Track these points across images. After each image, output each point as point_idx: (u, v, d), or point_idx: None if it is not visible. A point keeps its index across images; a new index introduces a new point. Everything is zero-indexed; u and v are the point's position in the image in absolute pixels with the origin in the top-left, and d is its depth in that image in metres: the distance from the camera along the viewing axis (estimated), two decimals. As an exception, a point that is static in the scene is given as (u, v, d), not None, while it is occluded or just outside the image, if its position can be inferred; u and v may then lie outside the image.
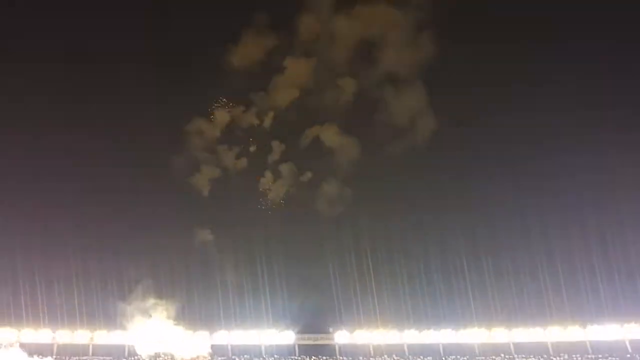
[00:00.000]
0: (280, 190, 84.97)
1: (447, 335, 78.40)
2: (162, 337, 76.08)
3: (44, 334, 76.67)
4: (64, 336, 76.97)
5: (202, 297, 78.58)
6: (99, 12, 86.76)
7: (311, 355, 78.37)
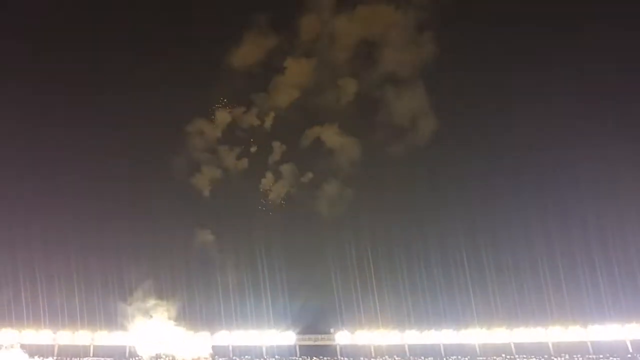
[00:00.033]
0: (281, 190, 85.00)
1: (448, 335, 78.40)
2: (163, 338, 76.12)
3: (44, 335, 76.40)
4: (65, 337, 76.78)
5: (203, 297, 78.57)
6: (99, 12, 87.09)
7: (312, 355, 78.28)
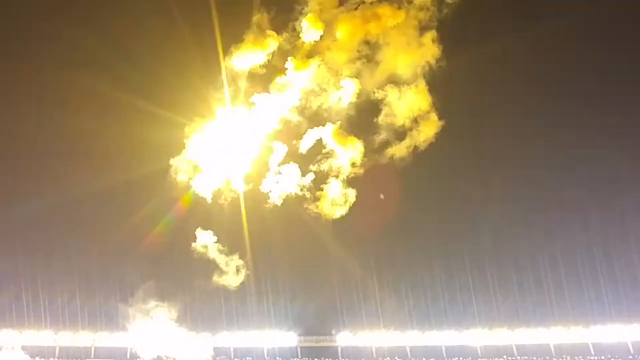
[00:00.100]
0: (282, 191, 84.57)
1: (449, 336, 78.57)
2: (164, 339, 76.30)
3: (45, 336, 76.85)
4: (66, 338, 77.10)
5: (204, 299, 78.58)
6: (100, 11, 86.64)
7: (313, 357, 78.66)
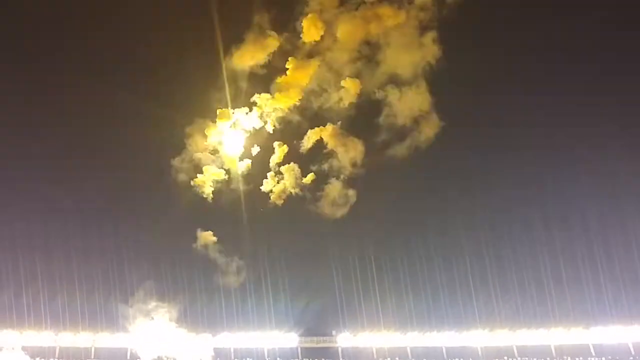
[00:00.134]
0: (282, 192, 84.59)
1: (450, 337, 78.37)
2: (165, 340, 76.05)
3: (46, 337, 76.38)
4: (66, 339, 76.74)
5: (204, 299, 78.46)
6: (100, 11, 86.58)
7: (314, 358, 78.21)
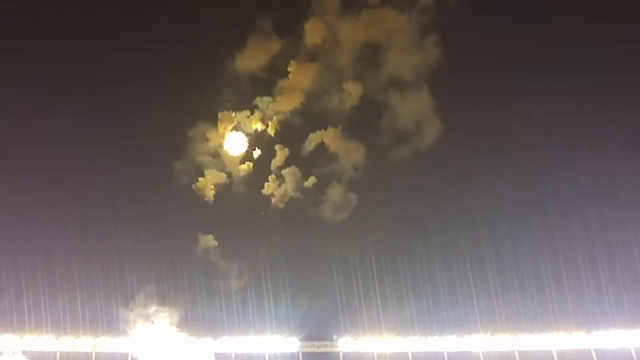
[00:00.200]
0: (284, 195, 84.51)
1: (451, 342, 78.11)
2: (166, 344, 75.99)
3: (46, 341, 75.93)
4: (67, 343, 76.35)
5: (205, 303, 78.21)
6: (101, 12, 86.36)
7: (315, 363, 78.21)
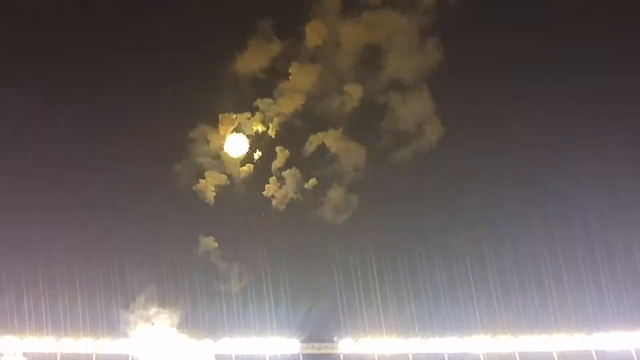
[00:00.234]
0: (284, 197, 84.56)
1: (452, 343, 78.05)
2: (166, 346, 75.95)
3: (47, 343, 75.71)
4: (68, 344, 76.21)
5: (206, 305, 78.20)
6: (102, 14, 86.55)
7: (315, 364, 78.07)
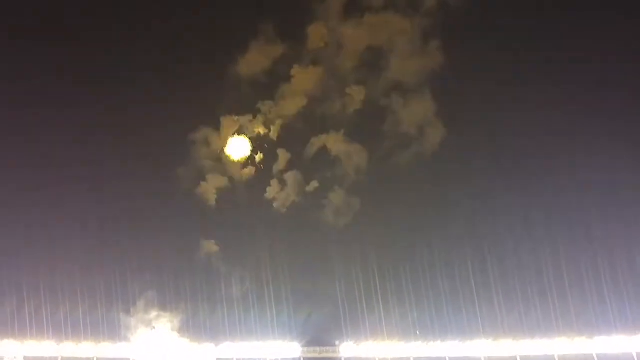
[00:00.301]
0: (286, 199, 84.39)
1: (453, 347, 78.05)
2: (167, 350, 75.90)
3: (48, 347, 75.54)
4: (69, 348, 75.99)
5: (207, 309, 78.12)
6: (104, 17, 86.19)
7: (317, 368, 78.05)
